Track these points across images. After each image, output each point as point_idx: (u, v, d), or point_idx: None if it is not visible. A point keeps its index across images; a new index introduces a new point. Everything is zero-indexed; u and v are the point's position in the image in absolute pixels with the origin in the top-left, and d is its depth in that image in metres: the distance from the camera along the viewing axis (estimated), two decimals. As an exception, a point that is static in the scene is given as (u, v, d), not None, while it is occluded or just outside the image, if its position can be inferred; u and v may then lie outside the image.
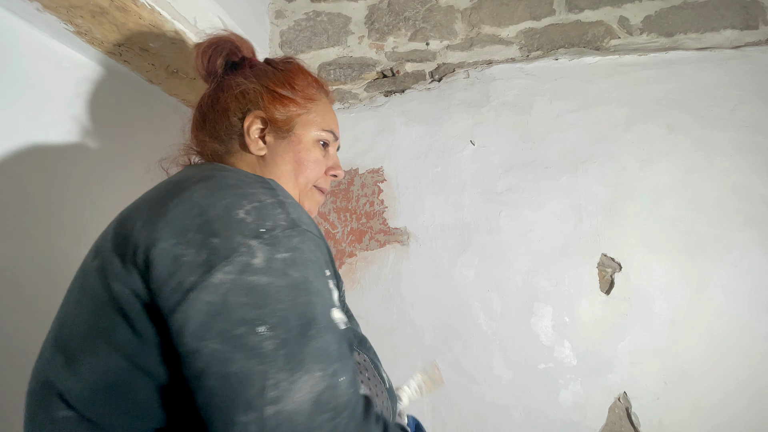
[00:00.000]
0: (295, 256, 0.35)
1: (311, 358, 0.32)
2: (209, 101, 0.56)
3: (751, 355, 1.00)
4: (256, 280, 0.33)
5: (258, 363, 0.31)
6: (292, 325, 0.33)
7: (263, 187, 0.39)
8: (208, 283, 0.32)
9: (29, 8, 0.63)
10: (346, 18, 1.41)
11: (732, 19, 1.22)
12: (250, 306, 0.32)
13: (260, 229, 0.35)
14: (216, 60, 0.57)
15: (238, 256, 0.33)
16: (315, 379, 0.31)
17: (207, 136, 0.55)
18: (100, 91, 0.80)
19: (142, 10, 0.68)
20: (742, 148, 1.11)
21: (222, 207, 0.36)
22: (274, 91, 0.54)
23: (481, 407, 1.06)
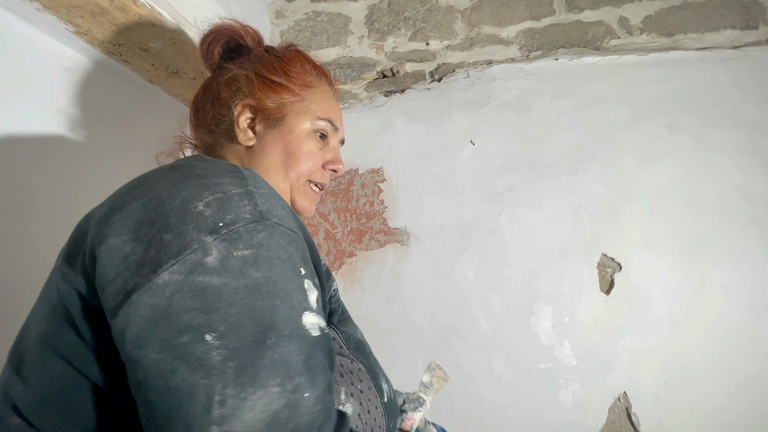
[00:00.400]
0: (257, 254, 0.31)
1: (267, 371, 0.27)
2: (201, 90, 0.54)
3: (751, 355, 1.00)
4: (207, 281, 0.29)
5: (203, 377, 0.26)
6: (246, 333, 0.28)
7: (232, 176, 0.35)
8: (152, 284, 0.28)
9: (29, 8, 0.63)
10: (346, 18, 1.41)
11: (732, 19, 1.22)
12: (197, 311, 0.28)
13: (219, 223, 0.31)
14: (215, 48, 0.55)
15: (189, 254, 0.29)
16: (271, 396, 0.26)
17: (198, 127, 0.53)
18: (100, 91, 0.80)
19: (142, 10, 0.68)
20: (742, 148, 1.11)
21: (180, 199, 0.32)
22: (265, 77, 0.51)
23: (481, 407, 1.06)
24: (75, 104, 0.75)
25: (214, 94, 0.52)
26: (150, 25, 0.72)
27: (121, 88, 0.85)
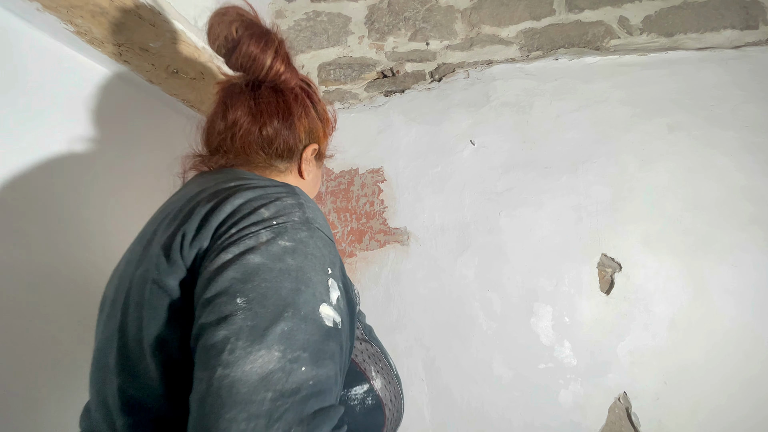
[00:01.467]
0: (297, 247, 0.38)
1: (275, 336, 0.33)
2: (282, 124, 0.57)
3: (751, 355, 1.00)
4: (251, 258, 0.36)
5: (224, 329, 0.33)
6: (268, 303, 0.34)
7: (289, 194, 0.44)
8: (216, 259, 0.37)
9: (29, 8, 0.63)
10: (346, 18, 1.41)
11: (732, 19, 1.22)
12: (237, 280, 0.35)
13: (273, 221, 0.39)
14: (277, 65, 0.56)
15: (246, 239, 0.38)
16: (271, 357, 0.32)
17: (259, 151, 0.57)
18: (100, 91, 0.80)
19: (142, 10, 0.68)
20: (742, 148, 1.11)
21: (249, 207, 0.41)
22: (326, 130, 0.65)
23: (481, 407, 1.06)
24: (75, 104, 0.75)
25: (290, 127, 0.58)
26: (150, 25, 0.71)
27: (121, 88, 0.85)
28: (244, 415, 0.29)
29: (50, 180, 0.69)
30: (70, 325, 0.70)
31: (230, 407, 0.30)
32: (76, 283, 0.72)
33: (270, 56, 0.55)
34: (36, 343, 0.65)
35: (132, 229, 0.84)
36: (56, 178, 0.70)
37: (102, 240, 0.78)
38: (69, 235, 0.72)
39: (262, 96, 0.57)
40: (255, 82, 0.58)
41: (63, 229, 0.71)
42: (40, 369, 0.65)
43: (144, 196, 0.88)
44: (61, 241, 0.70)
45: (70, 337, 0.69)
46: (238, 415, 0.29)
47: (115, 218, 0.81)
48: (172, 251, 0.40)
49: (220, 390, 0.30)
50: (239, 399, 0.30)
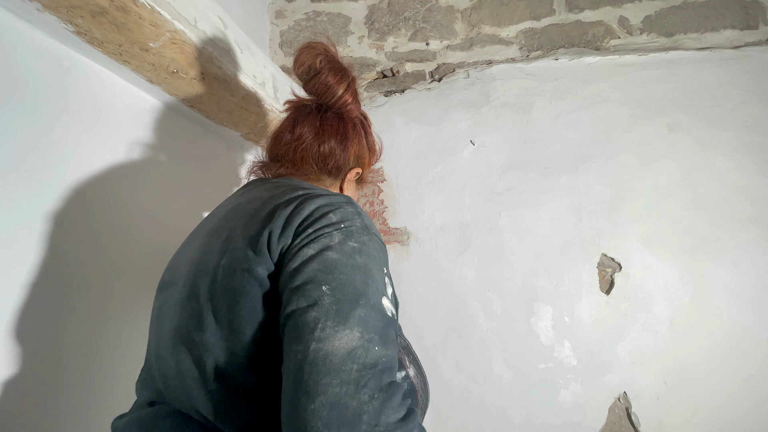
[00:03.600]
0: (362, 248, 0.46)
1: (355, 320, 0.40)
2: (339, 150, 0.67)
3: (751, 356, 1.00)
4: (329, 255, 0.44)
5: (315, 311, 0.40)
6: (347, 291, 0.42)
7: (348, 203, 0.52)
8: (300, 254, 0.45)
9: (29, 8, 0.63)
10: (346, 18, 1.42)
11: (732, 19, 1.22)
12: (320, 271, 0.43)
13: (341, 225, 0.47)
14: (347, 96, 0.67)
15: (322, 238, 0.45)
16: (353, 336, 0.39)
17: (314, 164, 0.66)
18: (99, 90, 0.80)
19: (142, 10, 0.68)
20: (742, 148, 1.11)
21: (320, 212, 0.48)
22: (371, 160, 0.74)
23: (481, 407, 1.06)
24: (74, 105, 0.75)
25: (345, 150, 0.67)
26: (150, 25, 0.71)
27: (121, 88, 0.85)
28: (337, 380, 0.36)
29: (50, 180, 0.69)
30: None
31: (325, 374, 0.36)
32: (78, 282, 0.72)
33: (342, 88, 0.67)
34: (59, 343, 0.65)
35: (131, 228, 0.84)
36: (56, 178, 0.70)
37: (102, 240, 0.78)
38: (69, 235, 0.72)
39: (328, 119, 0.67)
40: (324, 107, 0.68)
41: (63, 229, 0.71)
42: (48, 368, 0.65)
43: (144, 197, 0.88)
44: (62, 242, 0.70)
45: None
46: (332, 380, 0.36)
47: (116, 218, 0.81)
48: (260, 245, 0.47)
49: (316, 360, 0.37)
50: (333, 368, 0.36)
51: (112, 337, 0.77)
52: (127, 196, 0.84)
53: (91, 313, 0.74)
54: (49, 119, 0.70)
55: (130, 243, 0.83)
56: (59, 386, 0.68)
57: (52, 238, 0.69)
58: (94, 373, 0.69)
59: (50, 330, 0.68)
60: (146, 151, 0.90)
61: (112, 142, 0.82)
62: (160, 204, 0.92)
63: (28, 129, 0.66)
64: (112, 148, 0.82)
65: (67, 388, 0.68)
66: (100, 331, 0.76)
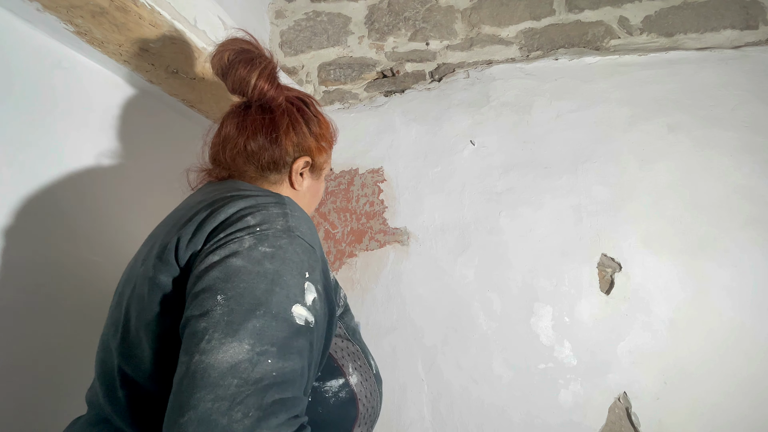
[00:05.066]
0: (276, 253, 0.43)
1: (247, 332, 0.37)
2: (253, 131, 0.61)
3: (751, 356, 1.00)
4: (233, 261, 0.41)
5: (205, 321, 0.38)
6: (244, 302, 0.39)
7: (276, 204, 0.49)
8: (205, 260, 0.42)
9: (29, 8, 0.63)
10: (346, 18, 1.42)
11: (732, 19, 1.22)
12: (219, 279, 0.40)
13: (257, 228, 0.44)
14: (261, 81, 0.62)
15: (231, 244, 0.43)
16: (241, 349, 0.36)
17: (247, 162, 0.61)
18: (99, 90, 0.80)
19: (142, 10, 0.68)
20: (742, 148, 1.11)
21: (238, 215, 0.46)
22: (321, 142, 0.66)
23: (481, 407, 1.06)
24: (74, 105, 0.75)
25: (276, 142, 0.61)
26: (150, 25, 0.71)
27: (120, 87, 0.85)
28: (211, 396, 0.34)
29: (49, 180, 0.69)
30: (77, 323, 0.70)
31: (201, 388, 0.34)
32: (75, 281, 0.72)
33: (255, 76, 0.61)
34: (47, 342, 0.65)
35: (128, 230, 0.84)
36: (55, 178, 0.70)
37: (102, 240, 0.78)
38: (67, 234, 0.72)
39: (250, 114, 0.62)
40: (248, 103, 0.63)
41: (61, 229, 0.71)
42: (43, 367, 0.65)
43: (145, 197, 0.88)
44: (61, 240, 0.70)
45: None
46: (206, 396, 0.34)
47: (116, 219, 0.81)
48: (166, 253, 0.45)
49: (195, 373, 0.35)
50: (209, 382, 0.35)
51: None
52: (127, 196, 0.84)
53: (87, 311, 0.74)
54: (49, 119, 0.70)
55: (128, 243, 0.83)
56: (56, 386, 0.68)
57: (51, 238, 0.69)
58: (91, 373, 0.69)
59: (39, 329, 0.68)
60: (146, 151, 0.90)
61: (112, 141, 0.82)
62: (159, 203, 0.92)
63: (28, 128, 0.66)
64: (112, 148, 0.82)
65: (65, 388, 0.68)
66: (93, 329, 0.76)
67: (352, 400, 0.56)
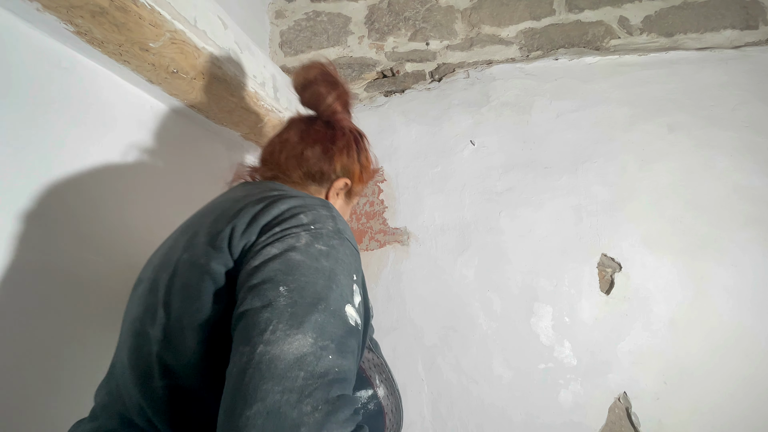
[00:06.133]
0: (330, 252, 0.44)
1: (311, 325, 0.38)
2: (313, 143, 0.67)
3: (751, 355, 1.00)
4: (293, 255, 0.42)
5: (268, 312, 0.38)
6: (306, 294, 0.39)
7: (323, 206, 0.51)
8: (262, 252, 0.43)
9: (29, 8, 0.63)
10: (346, 18, 1.42)
11: (732, 19, 1.22)
12: (280, 272, 0.41)
13: (311, 226, 0.46)
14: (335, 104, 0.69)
15: (288, 238, 0.44)
16: (305, 342, 0.36)
17: (297, 167, 0.66)
18: (99, 90, 0.80)
19: (142, 10, 0.68)
20: (742, 148, 1.11)
21: (291, 213, 0.47)
22: (362, 175, 0.73)
23: (481, 407, 1.06)
24: (74, 105, 0.75)
25: (329, 156, 0.67)
26: (150, 25, 0.71)
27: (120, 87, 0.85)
28: (279, 387, 0.33)
29: (49, 180, 0.69)
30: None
31: (268, 379, 0.34)
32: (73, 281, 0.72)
33: (333, 97, 0.69)
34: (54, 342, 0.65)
35: (128, 229, 0.84)
36: (55, 178, 0.70)
37: (103, 240, 0.78)
38: (67, 234, 0.72)
39: (315, 126, 0.69)
40: (314, 117, 0.71)
41: (61, 228, 0.71)
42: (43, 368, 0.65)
43: (145, 196, 0.88)
44: (60, 240, 0.70)
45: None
46: (274, 387, 0.33)
47: (116, 218, 0.81)
48: (219, 241, 0.46)
49: (260, 364, 0.35)
50: (276, 373, 0.34)
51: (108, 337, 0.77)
52: (126, 196, 0.84)
53: (87, 312, 0.74)
54: (48, 119, 0.70)
55: (127, 242, 0.83)
56: (55, 387, 0.68)
57: (50, 237, 0.69)
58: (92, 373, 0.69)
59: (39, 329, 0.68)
60: (146, 151, 0.90)
61: (112, 141, 0.82)
62: (159, 203, 0.92)
63: (28, 128, 0.66)
64: (112, 148, 0.82)
65: (64, 388, 0.68)
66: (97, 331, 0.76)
67: (380, 413, 0.55)
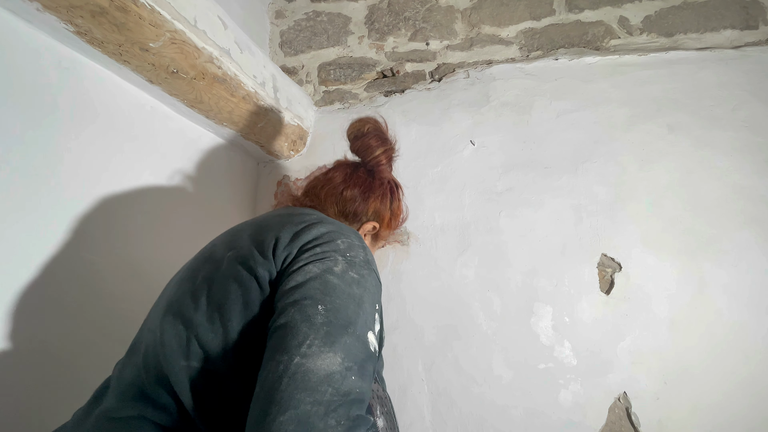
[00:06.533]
0: (360, 281, 0.49)
1: (341, 345, 0.41)
2: (359, 198, 0.75)
3: (750, 355, 1.00)
4: (331, 279, 0.47)
5: (307, 326, 0.41)
6: (339, 316, 0.44)
7: (356, 235, 0.57)
8: (304, 269, 0.48)
9: (29, 8, 0.63)
10: (346, 18, 1.42)
11: (732, 19, 1.22)
12: (320, 291, 0.45)
13: (347, 254, 0.51)
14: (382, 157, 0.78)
15: (328, 261, 0.49)
16: (335, 361, 0.40)
17: (334, 204, 0.74)
18: (99, 90, 0.80)
19: (142, 10, 0.68)
20: (742, 148, 1.11)
21: (329, 237, 0.53)
22: (391, 222, 0.81)
23: (481, 407, 1.06)
24: (73, 105, 0.75)
25: (365, 199, 0.76)
26: (150, 25, 0.71)
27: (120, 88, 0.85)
28: (310, 399, 0.37)
29: (49, 180, 0.69)
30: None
31: (302, 390, 0.37)
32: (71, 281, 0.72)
33: (380, 150, 0.78)
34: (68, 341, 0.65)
35: (128, 229, 0.84)
36: (54, 177, 0.70)
37: (102, 240, 0.78)
38: (67, 234, 0.72)
39: (359, 171, 0.78)
40: (359, 164, 0.80)
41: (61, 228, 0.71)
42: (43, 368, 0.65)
43: (145, 196, 0.88)
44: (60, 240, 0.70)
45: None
46: (306, 398, 0.37)
47: (116, 218, 0.81)
48: (265, 248, 0.51)
49: (296, 374, 0.38)
50: (309, 386, 0.37)
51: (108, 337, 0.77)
52: (126, 196, 0.84)
53: (87, 312, 0.74)
54: (48, 119, 0.70)
55: (127, 242, 0.83)
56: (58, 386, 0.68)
57: (50, 237, 0.69)
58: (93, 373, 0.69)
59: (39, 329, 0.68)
60: (145, 151, 0.90)
61: (111, 141, 0.82)
62: (158, 203, 0.92)
63: (28, 128, 0.66)
64: (111, 148, 0.82)
65: (64, 388, 0.68)
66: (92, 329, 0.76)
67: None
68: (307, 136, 1.33)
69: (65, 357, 0.69)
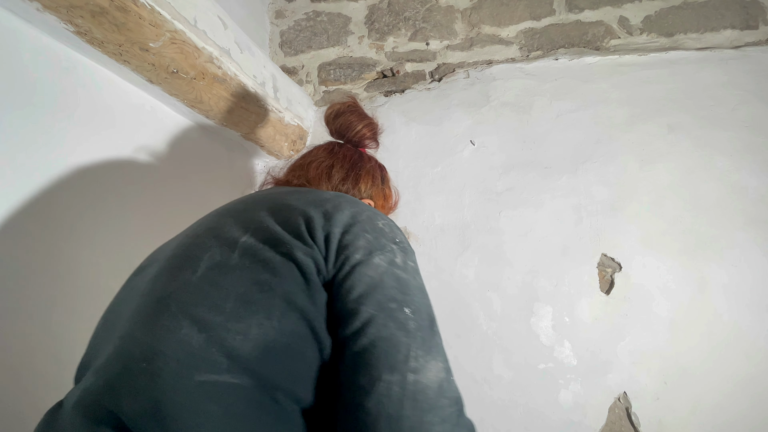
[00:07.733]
0: (416, 268, 0.46)
1: (436, 349, 0.38)
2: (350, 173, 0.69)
3: (750, 355, 1.00)
4: (399, 273, 0.42)
5: (404, 335, 0.37)
6: (423, 317, 0.40)
7: (382, 215, 0.51)
8: (369, 263, 0.41)
9: (29, 8, 0.63)
10: (346, 18, 1.42)
11: (732, 19, 1.22)
12: (397, 290, 0.40)
13: (395, 239, 0.46)
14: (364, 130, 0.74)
15: (388, 252, 0.43)
16: (439, 367, 0.37)
17: (327, 181, 0.68)
18: (99, 90, 0.80)
19: (142, 10, 0.68)
20: (742, 148, 1.11)
21: (366, 215, 0.47)
22: (385, 202, 0.76)
23: (481, 407, 1.06)
24: (73, 105, 0.75)
25: (355, 176, 0.69)
26: (150, 25, 0.71)
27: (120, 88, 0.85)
28: (437, 419, 0.34)
29: (49, 180, 0.69)
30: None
31: (427, 411, 0.34)
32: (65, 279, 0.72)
33: (362, 124, 0.74)
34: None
35: (128, 229, 0.84)
36: (55, 177, 0.70)
37: (102, 239, 0.78)
38: (67, 234, 0.72)
39: (345, 147, 0.73)
40: (341, 143, 0.75)
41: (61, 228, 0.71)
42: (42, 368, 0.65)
43: (145, 196, 0.88)
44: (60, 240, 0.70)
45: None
46: (433, 419, 0.33)
47: (116, 218, 0.81)
48: (299, 231, 0.43)
49: (416, 394, 0.34)
50: (431, 404, 0.34)
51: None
52: (126, 196, 0.84)
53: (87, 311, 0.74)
54: (48, 119, 0.70)
55: (127, 242, 0.83)
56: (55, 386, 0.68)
57: (48, 237, 0.69)
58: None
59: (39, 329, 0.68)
60: (145, 151, 0.90)
61: (112, 141, 0.82)
62: (159, 203, 0.92)
63: (28, 128, 0.66)
64: (112, 148, 0.82)
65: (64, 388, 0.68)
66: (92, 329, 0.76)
67: None
68: (307, 135, 1.33)
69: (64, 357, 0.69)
